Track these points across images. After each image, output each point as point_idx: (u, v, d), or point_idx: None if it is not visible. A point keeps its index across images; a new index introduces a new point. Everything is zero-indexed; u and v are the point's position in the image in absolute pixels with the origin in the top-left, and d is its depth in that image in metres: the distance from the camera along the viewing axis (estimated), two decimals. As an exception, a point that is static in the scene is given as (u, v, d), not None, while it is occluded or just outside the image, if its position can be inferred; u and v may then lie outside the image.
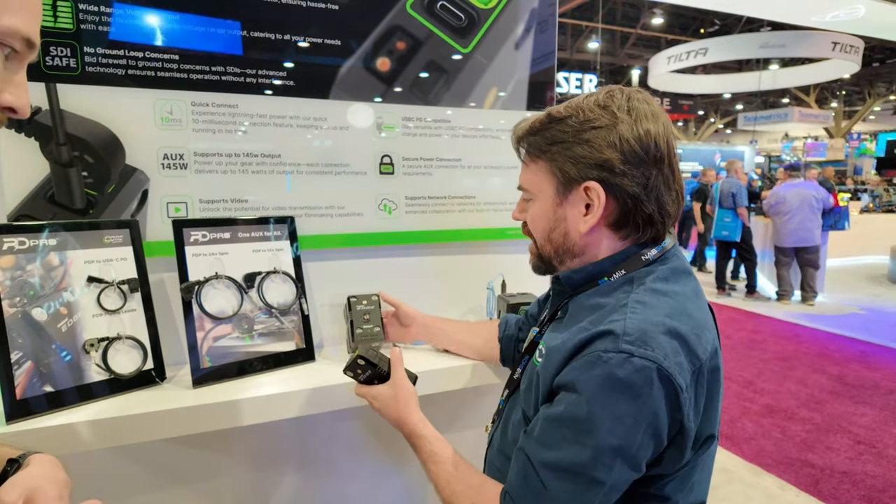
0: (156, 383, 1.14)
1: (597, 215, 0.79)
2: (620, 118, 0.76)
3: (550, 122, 0.81)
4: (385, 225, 1.42)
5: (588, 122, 0.77)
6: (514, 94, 1.51)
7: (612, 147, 0.76)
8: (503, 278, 1.51)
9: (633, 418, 0.69)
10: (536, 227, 0.87)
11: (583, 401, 0.70)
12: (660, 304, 0.74)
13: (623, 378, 0.68)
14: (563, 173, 0.79)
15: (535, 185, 0.84)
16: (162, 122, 1.20)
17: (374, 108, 1.38)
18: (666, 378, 0.68)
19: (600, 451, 0.69)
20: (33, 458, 0.67)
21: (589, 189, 0.78)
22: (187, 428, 1.06)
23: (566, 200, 0.81)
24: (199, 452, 1.28)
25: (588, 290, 0.82)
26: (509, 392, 0.93)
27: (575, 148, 0.77)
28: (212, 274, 1.18)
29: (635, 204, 0.78)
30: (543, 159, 0.81)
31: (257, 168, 1.29)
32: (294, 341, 1.27)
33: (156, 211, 1.22)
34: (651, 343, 0.69)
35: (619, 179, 0.77)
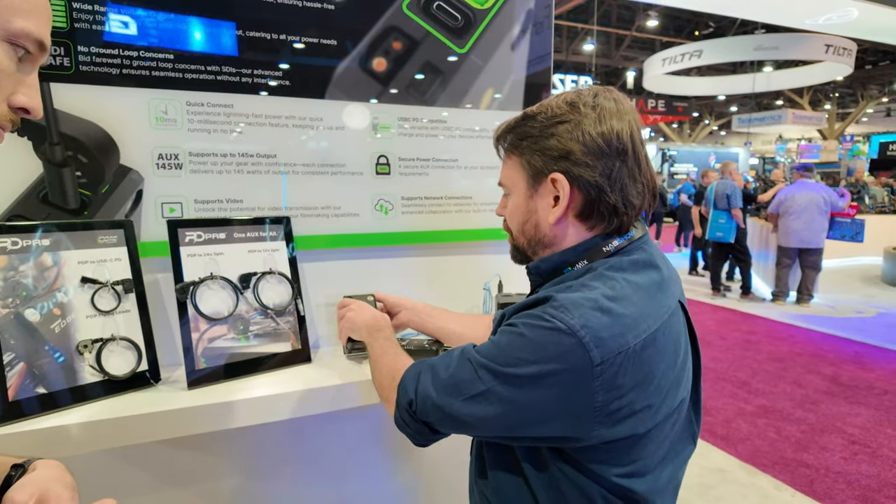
0: (150, 385, 1.13)
1: (562, 206, 0.82)
2: (585, 113, 0.80)
3: (524, 120, 0.85)
4: (381, 225, 1.42)
5: (555, 117, 0.81)
6: (510, 95, 1.51)
7: (576, 140, 0.79)
8: (500, 279, 1.51)
9: (532, 370, 0.73)
10: (513, 220, 0.91)
11: (496, 339, 0.79)
12: (602, 286, 0.77)
13: (530, 334, 0.74)
14: (531, 166, 0.83)
15: (510, 179, 0.89)
16: (157, 122, 1.19)
17: (370, 108, 1.37)
18: (579, 348, 0.71)
19: (477, 382, 0.77)
20: (39, 462, 0.68)
21: (555, 181, 0.81)
22: (182, 430, 1.05)
23: (536, 193, 0.85)
24: (195, 454, 1.27)
25: (554, 279, 0.86)
26: None
27: (542, 141, 0.82)
28: (207, 274, 1.17)
29: (599, 194, 0.80)
30: (516, 154, 0.86)
31: (253, 168, 1.28)
32: (290, 342, 1.26)
33: (150, 211, 1.21)
34: (573, 314, 0.72)
35: (581, 170, 0.80)
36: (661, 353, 0.77)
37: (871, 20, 8.08)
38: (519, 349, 0.75)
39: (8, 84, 0.53)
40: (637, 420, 0.76)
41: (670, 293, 0.83)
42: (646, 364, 0.74)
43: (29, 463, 0.67)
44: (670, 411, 0.81)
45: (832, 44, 12.31)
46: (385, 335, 1.10)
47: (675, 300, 0.83)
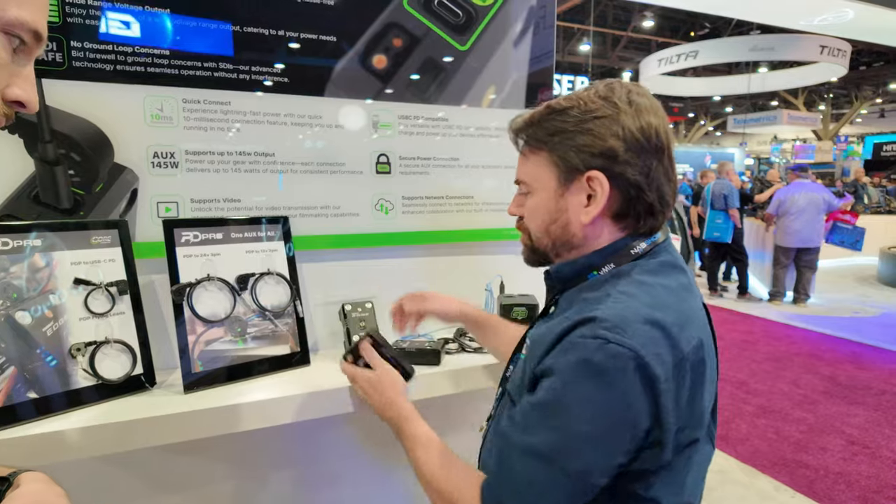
0: (145, 389, 1.10)
1: (599, 205, 0.77)
2: (622, 108, 0.76)
3: (551, 114, 0.80)
4: (382, 225, 1.39)
5: (590, 112, 0.76)
6: (512, 93, 1.49)
7: (616, 136, 0.75)
8: (501, 280, 1.49)
9: (605, 405, 0.67)
10: (535, 220, 0.85)
11: (557, 385, 0.70)
12: (642, 294, 0.74)
13: (596, 363, 0.67)
14: (565, 163, 0.78)
15: (534, 176, 0.83)
16: (152, 120, 1.17)
17: (370, 106, 1.35)
18: (643, 367, 0.67)
19: (570, 437, 0.69)
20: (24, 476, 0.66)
21: (592, 179, 0.77)
22: (179, 435, 1.02)
23: (567, 191, 0.80)
24: (192, 459, 1.25)
25: (578, 285, 0.81)
26: (502, 390, 0.91)
27: (578, 137, 0.77)
28: (203, 275, 1.15)
29: (638, 193, 0.77)
30: (545, 150, 0.80)
31: (250, 167, 1.26)
32: (288, 344, 1.23)
33: (145, 211, 1.18)
34: (628, 330, 0.68)
35: (622, 168, 0.76)
36: (709, 356, 0.76)
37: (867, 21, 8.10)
38: (582, 413, 0.68)
39: (2, 76, 0.50)
40: (695, 428, 0.74)
41: (697, 295, 0.81)
42: (699, 370, 0.73)
43: (14, 476, 0.64)
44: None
45: (827, 45, 12.35)
46: (409, 431, 0.92)
47: (700, 302, 0.82)
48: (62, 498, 0.64)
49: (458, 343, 1.39)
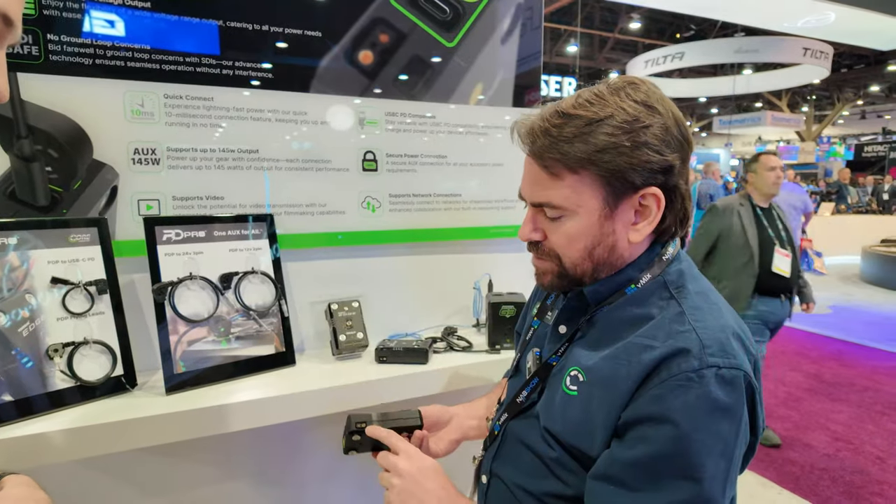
0: (126, 390, 1.08)
1: (654, 222, 0.72)
2: (664, 114, 0.70)
3: (590, 125, 0.69)
4: (368, 223, 1.38)
5: (637, 121, 0.69)
6: (499, 91, 1.48)
7: (669, 146, 0.70)
8: (490, 278, 1.48)
9: (735, 433, 0.65)
10: (573, 246, 0.74)
11: (683, 432, 0.63)
12: (711, 307, 0.72)
13: (721, 396, 0.64)
14: (620, 182, 0.70)
15: (572, 199, 0.72)
16: (132, 115, 1.14)
17: (357, 102, 1.33)
18: (749, 385, 0.67)
19: (714, 480, 0.64)
20: (7, 479, 0.63)
21: (646, 196, 0.71)
22: (161, 437, 1.00)
23: (616, 211, 0.72)
24: (175, 462, 1.22)
25: (616, 301, 0.75)
26: (509, 416, 0.83)
27: (636, 153, 0.68)
28: (186, 274, 1.12)
29: (682, 203, 0.73)
30: (589, 170, 0.70)
31: (234, 164, 1.23)
32: (273, 344, 1.21)
33: (126, 208, 1.16)
34: (730, 351, 0.66)
35: (676, 180, 0.71)
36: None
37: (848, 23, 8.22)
38: (715, 451, 0.64)
39: None
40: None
41: None
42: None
43: None
44: None
45: (809, 47, 12.52)
46: None
47: None
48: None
49: (445, 342, 1.38)
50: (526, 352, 0.89)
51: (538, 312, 0.91)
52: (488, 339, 1.35)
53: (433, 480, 0.81)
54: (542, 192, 0.74)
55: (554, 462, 0.75)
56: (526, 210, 0.80)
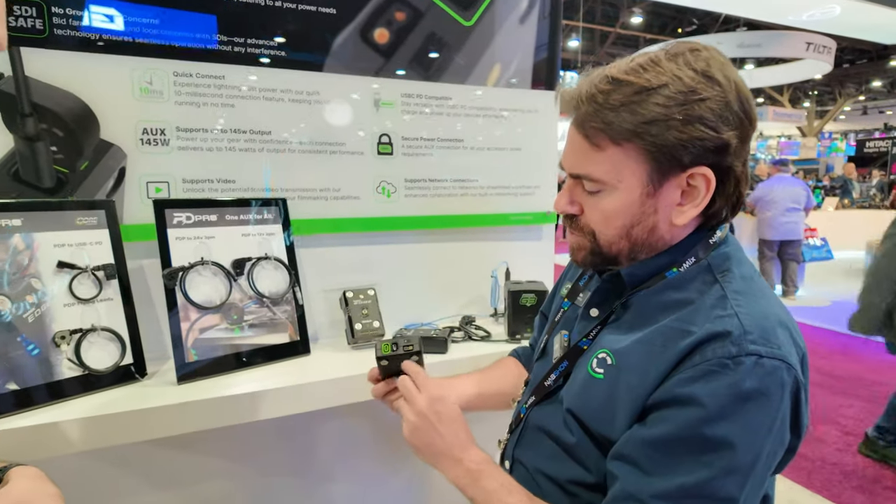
0: (136, 380, 1.04)
1: (701, 205, 0.66)
2: (726, 87, 0.64)
3: (640, 94, 0.63)
4: (383, 209, 1.33)
5: (694, 93, 0.62)
6: (518, 71, 1.43)
7: (727, 124, 0.63)
8: (507, 266, 1.44)
9: (767, 427, 0.60)
10: (610, 223, 0.70)
11: (709, 416, 0.59)
12: (757, 292, 0.67)
13: (757, 385, 0.59)
14: (668, 158, 0.64)
15: (613, 173, 0.67)
16: (141, 94, 1.09)
17: (372, 82, 1.29)
18: (793, 377, 0.61)
19: (732, 474, 0.59)
20: (14, 471, 0.59)
21: (695, 175, 0.65)
22: (172, 428, 0.96)
23: (660, 189, 0.67)
24: (186, 454, 1.18)
25: (655, 285, 0.70)
26: (536, 399, 0.80)
27: (688, 128, 0.62)
28: (197, 259, 1.08)
29: (736, 187, 0.68)
30: (633, 142, 0.64)
31: (246, 146, 1.19)
32: (287, 333, 1.17)
33: (134, 191, 1.11)
34: (773, 340, 0.61)
35: (730, 161, 0.65)
36: None
37: (853, 17, 8.16)
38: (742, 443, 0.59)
39: None
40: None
41: None
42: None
43: (4, 472, 0.58)
44: None
45: (813, 41, 12.46)
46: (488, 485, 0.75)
47: None
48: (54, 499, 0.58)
49: (464, 331, 1.34)
50: (554, 334, 0.85)
51: (569, 294, 0.87)
52: (508, 329, 1.31)
53: (448, 425, 0.80)
54: (582, 164, 0.69)
55: (574, 448, 0.72)
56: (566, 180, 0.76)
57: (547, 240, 1.56)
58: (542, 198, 1.51)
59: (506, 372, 1.05)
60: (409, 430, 0.82)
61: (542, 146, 1.49)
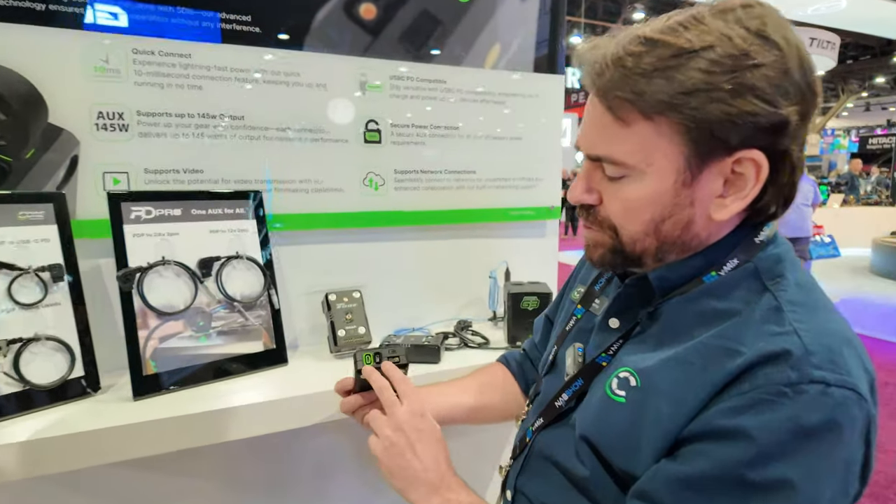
0: (87, 395, 0.92)
1: (749, 196, 0.54)
2: (786, 51, 0.51)
3: (678, 57, 0.51)
4: (370, 203, 1.22)
5: (746, 56, 0.50)
6: (520, 52, 1.31)
7: (787, 97, 0.51)
8: (507, 266, 1.32)
9: (830, 473, 0.49)
10: (633, 216, 0.58)
11: (760, 455, 0.48)
12: (817, 304, 0.55)
13: (823, 420, 0.48)
14: (710, 138, 0.52)
15: (640, 155, 0.55)
16: (95, 73, 0.98)
17: (357, 62, 1.17)
18: (865, 412, 0.50)
19: None
20: None
21: (743, 161, 0.53)
22: (125, 451, 0.85)
23: (700, 176, 0.55)
24: (146, 473, 1.07)
25: (689, 291, 0.59)
26: (545, 422, 0.69)
27: (737, 100, 0.50)
28: (158, 259, 0.96)
29: (791, 176, 0.56)
30: (668, 116, 0.52)
31: (216, 132, 1.07)
32: (262, 340, 1.05)
33: (89, 182, 0.99)
34: (842, 364, 0.50)
35: (787, 143, 0.53)
36: None
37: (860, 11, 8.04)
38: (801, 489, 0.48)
39: None
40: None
41: None
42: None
43: None
44: None
45: (816, 37, 12.31)
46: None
47: None
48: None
49: (459, 337, 1.22)
50: (565, 346, 0.73)
51: (582, 299, 0.75)
52: (507, 335, 1.20)
53: (428, 447, 0.70)
54: (603, 143, 0.57)
55: (586, 481, 0.61)
56: (582, 164, 0.63)
57: (550, 237, 1.44)
58: (545, 191, 1.39)
59: (491, 381, 0.93)
60: (382, 447, 0.70)
61: (546, 135, 1.38)
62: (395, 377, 0.75)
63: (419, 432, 0.69)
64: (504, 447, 1.34)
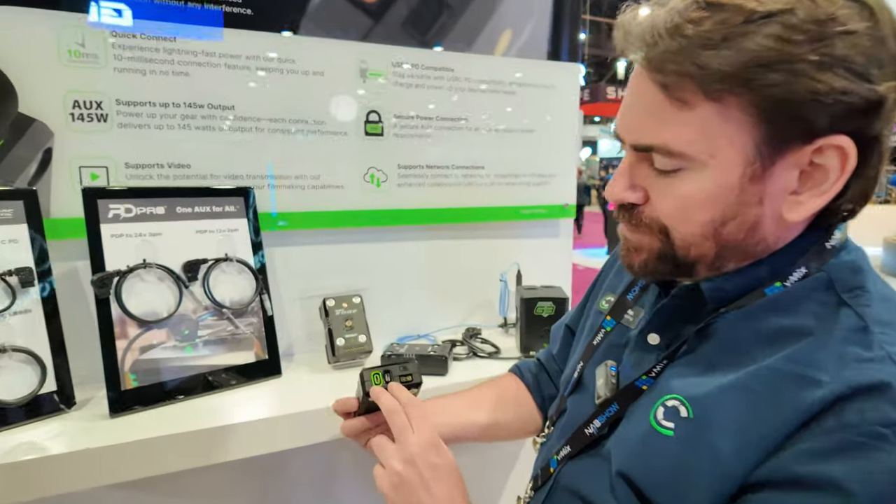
0: (60, 411, 0.84)
1: (830, 192, 0.46)
2: (880, 17, 0.43)
3: (751, 22, 0.42)
4: (372, 201, 1.14)
5: (834, 21, 0.41)
6: (533, 39, 1.23)
7: (881, 70, 0.42)
8: (518, 268, 1.23)
9: None
10: (690, 216, 0.49)
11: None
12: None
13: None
14: (790, 121, 0.44)
15: (702, 143, 0.46)
16: (70, 58, 0.89)
17: (357, 48, 1.08)
18: None
19: None
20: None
21: (825, 149, 0.44)
22: (98, 476, 0.76)
23: (772, 169, 0.46)
24: (125, 493, 0.98)
25: (748, 305, 0.50)
26: (573, 451, 0.61)
27: (824, 74, 0.41)
28: (138, 262, 0.88)
29: (877, 168, 0.47)
30: (738, 96, 0.44)
31: (204, 123, 0.99)
32: (253, 350, 0.97)
33: (64, 178, 0.91)
34: None
35: (879, 128, 0.44)
36: None
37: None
38: None
39: None
40: None
41: None
42: None
43: None
44: None
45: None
46: None
47: None
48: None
49: (467, 346, 1.13)
50: (594, 363, 0.64)
51: (613, 309, 0.65)
52: (520, 343, 1.11)
53: (444, 486, 0.59)
54: (655, 130, 0.48)
55: None
56: (622, 155, 0.54)
57: (565, 237, 1.35)
58: (559, 188, 1.31)
59: (504, 395, 0.84)
60: (390, 482, 0.60)
61: (560, 128, 1.29)
62: (405, 399, 0.65)
63: (434, 469, 0.59)
64: (514, 462, 1.25)
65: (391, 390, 0.67)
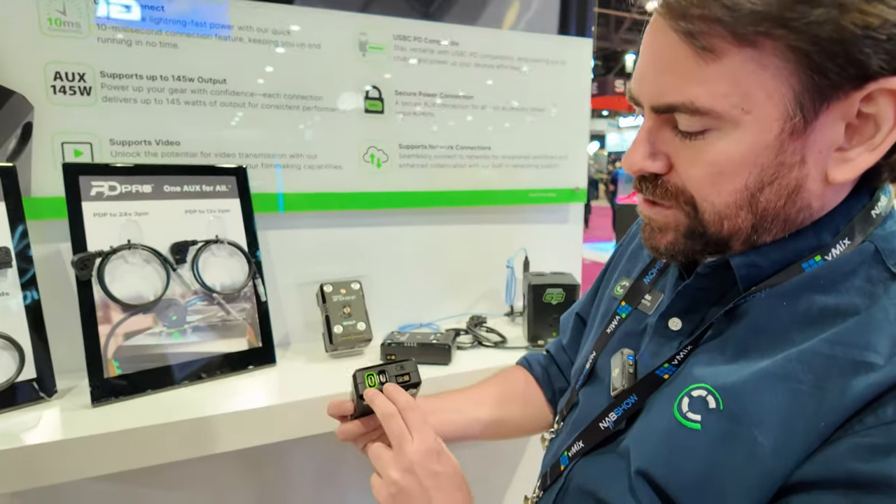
0: (40, 400, 0.80)
1: (883, 145, 0.39)
2: None
3: None
4: (372, 182, 1.08)
5: None
6: (543, 11, 1.17)
7: None
8: (526, 254, 1.18)
9: None
10: (722, 183, 0.43)
11: None
12: None
13: None
14: (837, 64, 0.37)
15: (736, 98, 0.40)
16: (50, 26, 0.84)
17: (357, 19, 1.03)
18: None
19: None
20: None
21: (876, 95, 0.38)
22: (80, 468, 0.72)
23: (815, 123, 0.40)
24: (112, 485, 0.93)
25: (783, 282, 0.45)
26: (586, 447, 0.55)
27: (875, 6, 0.36)
28: (123, 242, 0.83)
29: None
30: (775, 39, 0.38)
31: (194, 98, 0.94)
32: (246, 338, 0.92)
33: (45, 154, 0.87)
34: None
35: None
36: None
37: None
38: None
39: None
40: None
41: None
42: None
43: None
44: None
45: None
46: None
47: None
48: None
49: (472, 335, 1.08)
50: (608, 352, 0.58)
51: (628, 295, 0.59)
52: (527, 332, 1.06)
53: (447, 496, 0.54)
54: (678, 85, 0.41)
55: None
56: (639, 121, 0.47)
57: (574, 223, 1.30)
58: (569, 170, 1.25)
59: (511, 389, 0.78)
60: (387, 493, 0.54)
61: (571, 106, 1.23)
62: (403, 402, 0.59)
63: (435, 477, 0.54)
64: (520, 459, 1.20)
65: (387, 392, 0.61)
